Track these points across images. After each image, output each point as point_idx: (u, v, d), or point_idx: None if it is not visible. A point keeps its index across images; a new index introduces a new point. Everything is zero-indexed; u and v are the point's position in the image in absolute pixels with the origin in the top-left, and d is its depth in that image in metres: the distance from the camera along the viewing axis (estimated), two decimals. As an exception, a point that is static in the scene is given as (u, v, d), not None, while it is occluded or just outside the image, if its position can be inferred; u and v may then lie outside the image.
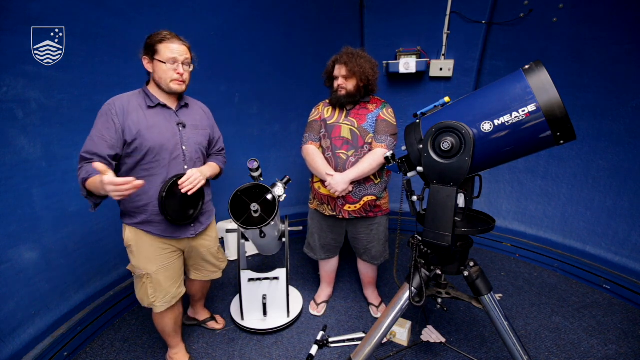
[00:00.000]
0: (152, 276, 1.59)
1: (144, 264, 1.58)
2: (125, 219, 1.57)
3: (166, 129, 1.51)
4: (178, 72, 1.47)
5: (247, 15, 2.71)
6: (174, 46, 1.45)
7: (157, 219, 1.54)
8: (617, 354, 1.94)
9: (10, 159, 1.70)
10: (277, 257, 2.95)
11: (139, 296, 1.65)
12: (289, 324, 2.17)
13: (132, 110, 1.45)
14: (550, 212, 2.88)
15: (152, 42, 1.45)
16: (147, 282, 1.60)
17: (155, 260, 1.59)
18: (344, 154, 1.94)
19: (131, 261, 1.62)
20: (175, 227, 1.60)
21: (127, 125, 1.43)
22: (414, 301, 1.43)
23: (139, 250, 1.57)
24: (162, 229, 1.57)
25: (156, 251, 1.59)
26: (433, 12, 2.92)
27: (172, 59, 1.45)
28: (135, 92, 1.53)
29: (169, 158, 1.52)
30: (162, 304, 1.64)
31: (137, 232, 1.56)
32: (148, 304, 1.63)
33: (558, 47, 2.57)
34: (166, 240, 1.61)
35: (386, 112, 1.95)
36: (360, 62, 1.86)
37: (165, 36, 1.45)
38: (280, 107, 3.21)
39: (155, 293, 1.61)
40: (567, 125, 1.07)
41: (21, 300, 1.76)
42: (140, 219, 1.53)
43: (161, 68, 1.46)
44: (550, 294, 2.50)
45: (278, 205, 1.66)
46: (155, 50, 1.44)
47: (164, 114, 1.53)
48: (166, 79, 1.47)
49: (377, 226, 2.10)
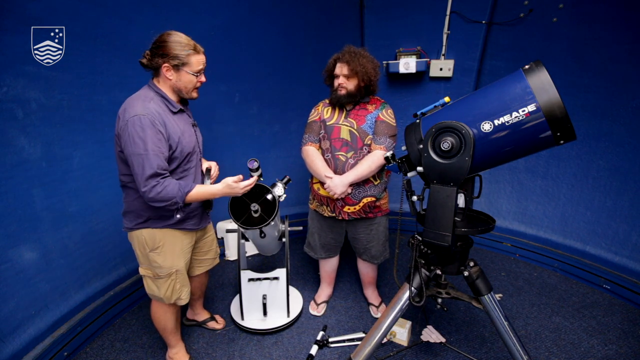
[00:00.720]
0: (180, 271, 1.66)
1: (173, 261, 1.63)
2: (153, 223, 1.56)
3: (191, 132, 1.60)
4: (200, 81, 1.54)
5: (247, 15, 2.71)
6: (203, 58, 1.50)
7: (192, 214, 1.64)
8: (617, 354, 1.94)
9: (10, 159, 1.70)
10: (277, 257, 2.95)
11: (163, 295, 1.66)
12: (289, 324, 2.17)
13: (166, 118, 1.45)
14: (550, 212, 2.87)
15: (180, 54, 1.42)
16: (175, 279, 1.65)
17: (183, 255, 1.67)
18: (343, 156, 1.93)
19: (155, 263, 1.60)
20: (201, 218, 1.71)
21: (169, 134, 1.44)
22: (414, 301, 1.43)
23: (170, 249, 1.61)
24: (195, 222, 1.68)
25: (184, 246, 1.67)
26: (433, 12, 2.92)
27: (200, 70, 1.50)
28: (154, 98, 1.46)
29: (196, 158, 1.63)
30: (187, 296, 1.73)
31: (167, 232, 1.59)
32: (175, 299, 1.69)
33: (558, 47, 2.57)
34: (192, 233, 1.70)
35: (385, 113, 1.94)
36: (362, 62, 1.85)
37: (195, 47, 1.46)
38: (280, 107, 3.21)
39: (182, 287, 1.69)
40: (567, 125, 1.07)
41: (21, 300, 1.76)
42: (175, 219, 1.58)
43: (189, 79, 1.48)
44: (550, 294, 2.50)
45: (278, 205, 1.66)
46: (185, 62, 1.44)
47: (183, 118, 1.59)
48: (190, 88, 1.52)
49: (377, 226, 2.10)
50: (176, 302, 1.70)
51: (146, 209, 1.53)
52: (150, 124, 1.36)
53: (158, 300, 1.70)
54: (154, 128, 1.36)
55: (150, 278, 1.65)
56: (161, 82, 1.50)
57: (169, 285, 1.65)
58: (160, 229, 1.57)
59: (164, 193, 1.39)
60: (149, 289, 1.68)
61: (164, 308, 1.73)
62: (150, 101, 1.43)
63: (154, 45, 1.44)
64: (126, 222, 1.60)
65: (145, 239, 1.57)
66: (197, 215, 1.68)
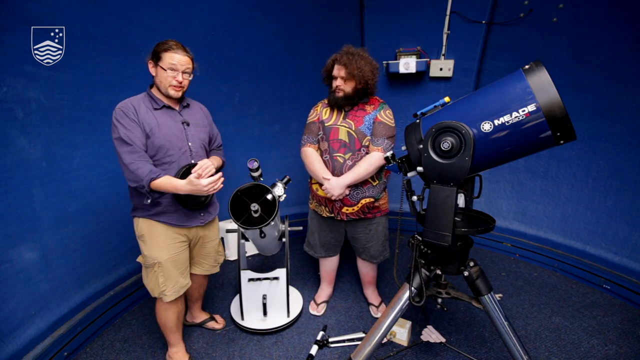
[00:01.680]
0: (162, 264, 1.67)
1: (155, 252, 1.66)
2: (139, 212, 1.67)
3: (173, 128, 1.64)
4: (176, 80, 1.58)
5: (247, 15, 2.71)
6: (177, 56, 1.56)
7: (170, 209, 1.66)
8: (617, 354, 1.94)
9: (10, 159, 1.70)
10: (277, 257, 2.95)
11: (149, 287, 1.73)
12: (289, 324, 2.17)
13: (142, 111, 1.57)
14: (550, 212, 2.87)
15: (159, 50, 1.55)
16: (158, 271, 1.68)
17: (166, 249, 1.68)
18: (341, 157, 1.93)
19: (143, 252, 1.70)
20: (187, 216, 1.72)
21: (142, 123, 1.55)
22: (414, 301, 1.43)
23: (151, 239, 1.66)
24: (175, 218, 1.68)
25: (167, 240, 1.68)
26: (433, 12, 2.92)
27: (171, 67, 1.56)
28: (141, 96, 1.62)
29: (178, 154, 1.64)
30: (172, 294, 1.72)
31: (150, 223, 1.66)
32: (158, 293, 1.70)
33: (558, 47, 2.57)
34: (177, 230, 1.71)
35: (384, 114, 1.93)
36: (360, 65, 1.83)
37: (171, 45, 1.56)
38: (280, 107, 3.21)
39: (166, 282, 1.70)
40: (567, 125, 1.07)
41: (21, 300, 1.76)
42: (154, 210, 1.64)
43: (162, 74, 1.57)
44: (550, 294, 2.50)
45: (278, 205, 1.66)
46: (159, 57, 1.55)
47: (169, 114, 1.65)
48: (165, 84, 1.59)
49: (376, 226, 2.10)
50: (161, 297, 1.72)
51: (132, 196, 1.66)
52: (123, 113, 1.52)
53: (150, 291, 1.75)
54: (126, 117, 1.51)
55: (143, 267, 1.73)
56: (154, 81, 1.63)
57: (152, 277, 1.69)
58: (144, 219, 1.66)
59: (137, 173, 1.47)
60: (143, 278, 1.76)
61: (165, 305, 1.76)
62: (135, 97, 1.60)
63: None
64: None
65: (136, 226, 1.70)
66: (178, 211, 1.68)
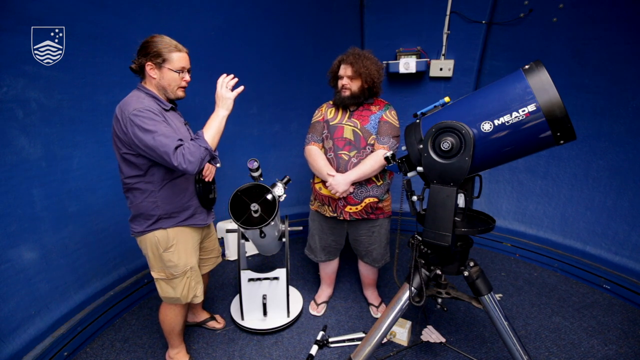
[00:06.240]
0: (194, 268, 1.67)
1: (187, 259, 1.64)
2: (164, 222, 1.56)
3: (182, 129, 1.60)
4: (185, 80, 1.54)
5: (247, 15, 2.71)
6: (185, 56, 1.52)
7: (199, 210, 1.68)
8: (617, 354, 1.94)
9: (10, 159, 1.70)
10: (277, 257, 2.94)
11: (181, 294, 1.65)
12: (289, 324, 2.17)
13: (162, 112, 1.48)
14: (550, 212, 2.87)
15: (161, 51, 1.44)
16: (190, 276, 1.67)
17: (195, 252, 1.70)
18: (345, 155, 1.94)
19: (170, 262, 1.59)
20: (207, 214, 1.74)
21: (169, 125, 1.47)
22: (414, 301, 1.43)
23: (183, 246, 1.63)
24: (203, 218, 1.71)
25: (195, 243, 1.70)
26: (433, 12, 2.92)
27: (182, 68, 1.50)
28: (145, 98, 1.47)
29: None
30: (202, 293, 1.74)
31: (179, 231, 1.61)
32: (191, 297, 1.69)
33: (558, 47, 2.57)
34: (200, 230, 1.74)
35: (389, 114, 1.95)
36: (366, 64, 1.87)
37: (176, 46, 1.49)
38: (280, 107, 3.21)
39: (197, 285, 1.70)
40: (567, 125, 1.07)
41: (21, 300, 1.76)
42: (186, 215, 1.62)
43: (171, 76, 1.49)
44: (550, 294, 2.50)
45: (278, 205, 1.66)
46: (164, 59, 1.46)
47: (176, 116, 1.61)
48: (174, 86, 1.52)
49: (379, 228, 2.09)
50: (193, 300, 1.71)
51: (155, 208, 1.52)
52: (152, 114, 1.38)
53: (174, 302, 1.69)
54: (155, 117, 1.39)
55: (164, 280, 1.63)
56: (147, 83, 1.51)
57: (185, 284, 1.65)
58: (173, 228, 1.59)
59: (194, 151, 1.36)
60: (163, 292, 1.66)
61: (177, 310, 1.74)
62: (144, 100, 1.45)
63: (139, 47, 1.48)
64: (135, 227, 1.57)
65: (157, 240, 1.56)
66: (203, 211, 1.71)
